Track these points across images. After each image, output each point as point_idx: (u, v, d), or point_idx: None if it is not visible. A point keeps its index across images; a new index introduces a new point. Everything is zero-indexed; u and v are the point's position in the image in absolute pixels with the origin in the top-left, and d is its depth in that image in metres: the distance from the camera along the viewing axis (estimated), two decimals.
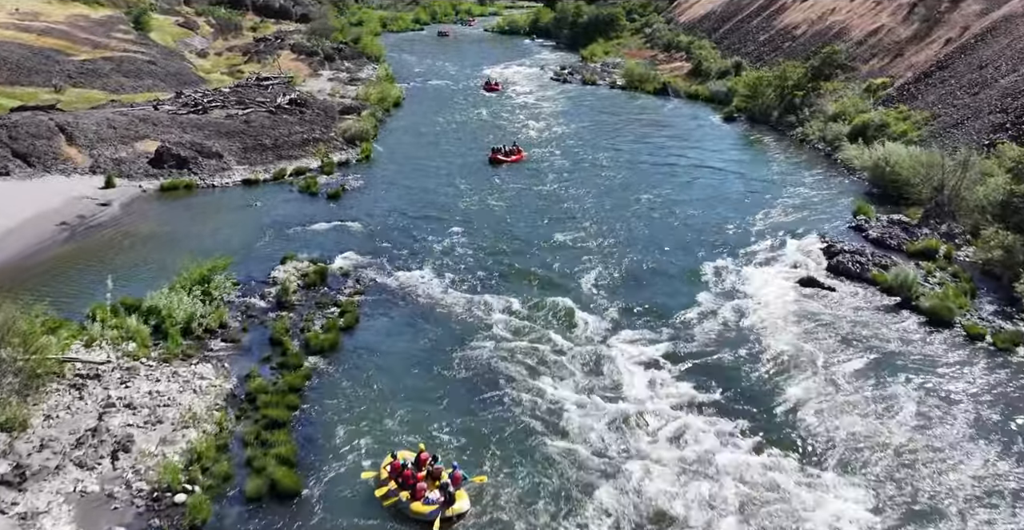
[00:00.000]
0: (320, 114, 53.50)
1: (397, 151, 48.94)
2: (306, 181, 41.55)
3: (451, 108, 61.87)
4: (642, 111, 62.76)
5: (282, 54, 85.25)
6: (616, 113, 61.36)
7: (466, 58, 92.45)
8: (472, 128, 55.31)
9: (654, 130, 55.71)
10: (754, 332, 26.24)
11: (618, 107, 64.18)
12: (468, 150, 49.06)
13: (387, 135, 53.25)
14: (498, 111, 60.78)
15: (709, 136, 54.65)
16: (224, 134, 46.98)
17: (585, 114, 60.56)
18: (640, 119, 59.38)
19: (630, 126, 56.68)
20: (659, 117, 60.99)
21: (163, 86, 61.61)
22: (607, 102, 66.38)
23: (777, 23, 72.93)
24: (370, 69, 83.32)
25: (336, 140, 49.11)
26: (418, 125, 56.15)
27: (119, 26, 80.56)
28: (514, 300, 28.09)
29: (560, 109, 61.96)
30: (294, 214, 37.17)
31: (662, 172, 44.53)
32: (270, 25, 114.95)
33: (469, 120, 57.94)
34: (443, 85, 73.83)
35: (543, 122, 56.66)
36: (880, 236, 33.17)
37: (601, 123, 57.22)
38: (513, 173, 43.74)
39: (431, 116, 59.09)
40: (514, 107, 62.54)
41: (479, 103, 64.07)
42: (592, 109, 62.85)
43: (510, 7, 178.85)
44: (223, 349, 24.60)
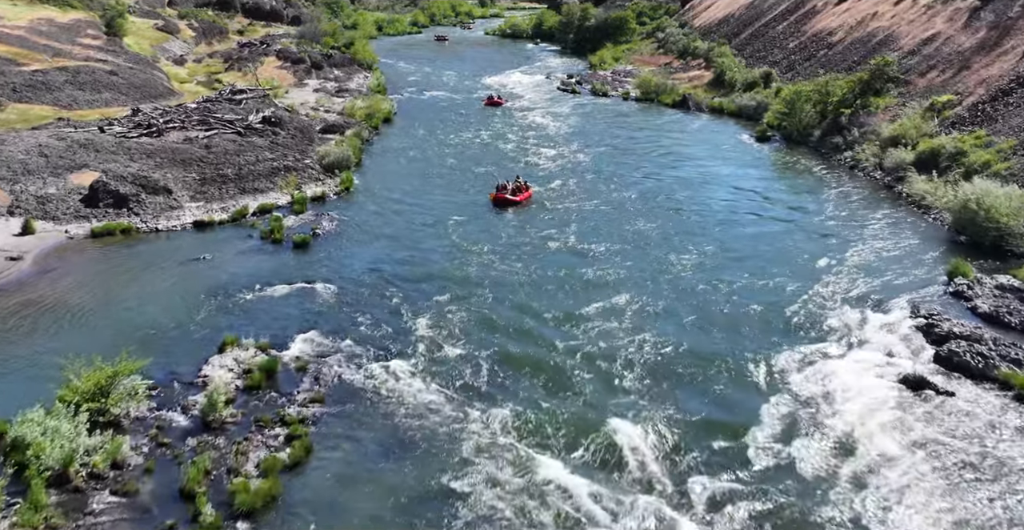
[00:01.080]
0: (296, 135, 45.80)
1: (382, 183, 41.18)
2: (271, 224, 33.82)
3: (448, 126, 54.12)
4: (663, 129, 55.03)
5: (266, 61, 77.60)
6: (634, 132, 53.56)
7: (465, 65, 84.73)
8: (471, 153, 47.38)
9: (680, 154, 47.89)
10: (853, 466, 18.60)
11: (635, 124, 56.45)
12: (466, 182, 41.21)
13: (373, 161, 45.51)
14: (501, 130, 53.00)
15: (744, 161, 46.91)
16: (179, 162, 39.31)
17: (600, 134, 52.73)
18: (662, 140, 51.59)
19: (652, 150, 48.80)
20: (683, 136, 53.28)
21: (124, 100, 53.91)
22: (622, 118, 58.66)
23: (808, 28, 65.19)
24: (361, 78, 75.66)
25: (312, 169, 41.41)
26: (409, 148, 48.37)
27: (87, 31, 72.83)
28: (528, 413, 20.44)
29: (571, 128, 54.22)
30: (250, 271, 29.45)
31: (697, 215, 36.52)
32: (259, 28, 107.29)
33: (467, 142, 50.05)
34: (440, 97, 66.10)
35: (553, 145, 48.81)
36: (993, 310, 25.42)
37: (619, 147, 49.30)
38: (520, 219, 35.69)
39: (425, 136, 51.37)
40: (519, 126, 54.70)
41: (479, 120, 56.33)
42: (607, 127, 55.06)
43: (511, 9, 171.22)
44: (110, 509, 16.95)
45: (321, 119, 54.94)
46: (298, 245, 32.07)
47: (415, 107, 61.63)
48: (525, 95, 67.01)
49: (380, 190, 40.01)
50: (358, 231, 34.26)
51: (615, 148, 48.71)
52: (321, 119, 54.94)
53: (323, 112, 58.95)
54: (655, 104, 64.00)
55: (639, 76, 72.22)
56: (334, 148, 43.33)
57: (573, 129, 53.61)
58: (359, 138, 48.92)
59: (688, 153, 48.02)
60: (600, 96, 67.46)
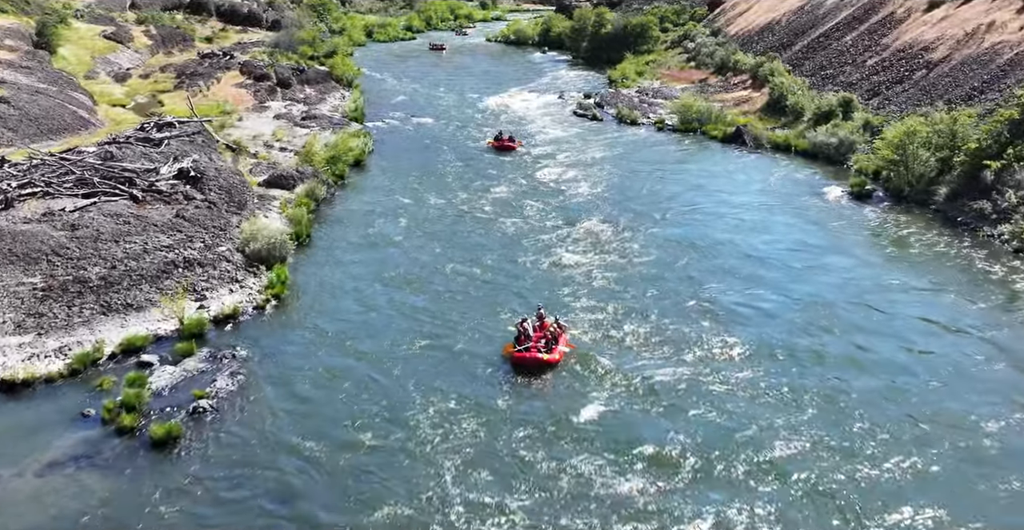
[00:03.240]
0: (219, 201, 31.41)
1: (332, 287, 26.43)
2: (124, 392, 19.48)
3: (437, 181, 38.89)
4: (721, 179, 39.94)
5: (225, 77, 63.17)
6: (689, 188, 38.34)
7: (463, 80, 70.14)
8: (469, 239, 31.20)
9: (764, 228, 32.99)
10: None
11: (685, 171, 41.32)
12: (460, 304, 25.26)
13: (325, 240, 30.76)
14: (511, 194, 36.93)
15: (847, 235, 32.25)
16: (16, 258, 24.96)
17: (645, 194, 37.11)
18: (727, 198, 36.29)
19: (720, 219, 33.71)
20: (751, 189, 38.53)
21: (9, 138, 39.60)
22: (664, 160, 43.83)
23: (890, 41, 50.64)
24: (337, 98, 61.19)
25: (228, 261, 27.01)
26: (381, 217, 33.43)
27: (4, 42, 58.44)
28: None
29: (604, 184, 38.37)
30: (54, 515, 15.33)
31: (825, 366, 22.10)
32: (233, 34, 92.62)
33: (463, 215, 33.98)
34: (430, 128, 51.48)
35: (587, 225, 32.46)
36: None
37: (677, 219, 33.73)
38: (556, 406, 19.73)
39: (406, 194, 36.55)
40: (535, 184, 38.61)
41: (481, 171, 40.65)
42: (650, 179, 39.58)
43: (514, 11, 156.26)
44: None
45: (270, 164, 40.57)
46: (158, 444, 17.79)
47: (398, 143, 47.09)
48: (536, 123, 52.43)
49: (327, 302, 25.44)
50: (279, 396, 19.92)
51: (668, 221, 33.37)
52: (270, 164, 40.57)
53: (278, 150, 44.58)
54: (699, 136, 49.56)
55: (676, 99, 57.68)
56: (267, 226, 28.90)
57: (608, 186, 38.06)
58: (312, 198, 34.53)
59: (774, 227, 33.22)
60: (628, 124, 52.95)
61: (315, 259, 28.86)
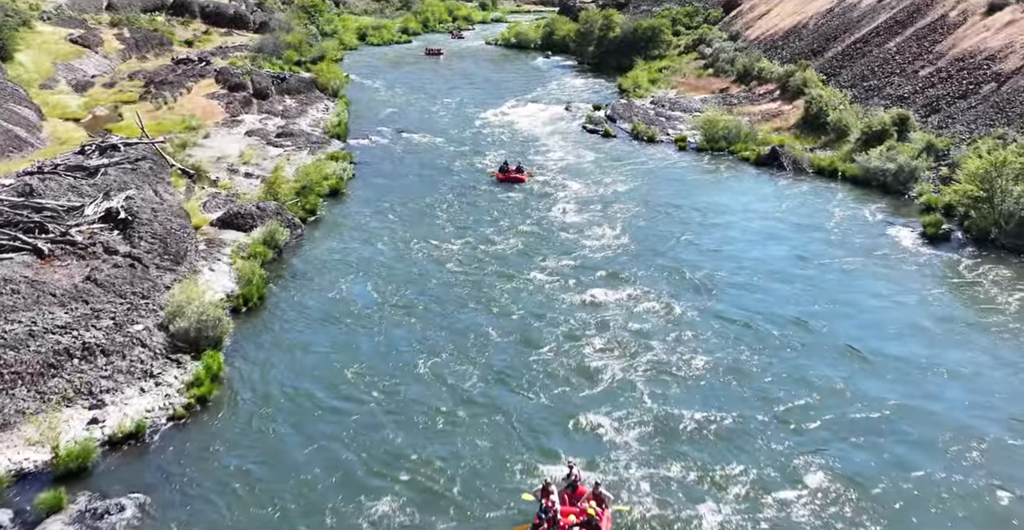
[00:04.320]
0: (150, 252, 24.64)
1: (275, 396, 19.39)
2: None
3: (428, 219, 32.05)
4: (768, 218, 32.99)
5: (197, 86, 56.32)
6: (730, 231, 31.50)
7: (461, 89, 63.28)
8: (468, 314, 23.88)
9: (842, 297, 25.57)
10: None
11: (723, 208, 34.05)
12: (454, 430, 18.08)
13: (278, 310, 23.85)
14: (522, 242, 29.49)
15: (930, 292, 25.67)
16: None
17: (680, 247, 29.60)
18: (790, 257, 29.07)
19: (790, 297, 25.59)
20: (801, 226, 31.72)
21: None
22: (693, 191, 36.56)
23: (945, 48, 43.81)
24: (319, 110, 54.40)
25: (145, 346, 20.24)
26: (353, 273, 26.57)
27: None
28: None
29: (627, 229, 30.97)
30: None
31: None
32: (216, 37, 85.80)
33: (460, 272, 26.88)
34: (422, 147, 44.61)
35: (610, 287, 25.47)
36: None
37: (722, 287, 26.04)
38: None
39: (387, 239, 29.59)
40: (546, 225, 31.47)
41: (481, 209, 33.54)
42: (681, 222, 32.26)
43: (515, 12, 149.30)
44: None
45: (228, 196, 33.76)
46: None
47: (383, 167, 40.27)
48: (543, 143, 45.56)
49: (267, 414, 18.59)
50: None
51: (718, 289, 25.90)
52: (228, 196, 33.76)
53: (243, 176, 37.81)
54: (727, 157, 42.76)
55: (696, 112, 50.96)
56: (199, 296, 22.01)
57: (634, 233, 30.53)
58: (271, 244, 27.76)
59: (852, 295, 25.77)
60: (645, 142, 46.15)
61: (261, 339, 22.01)
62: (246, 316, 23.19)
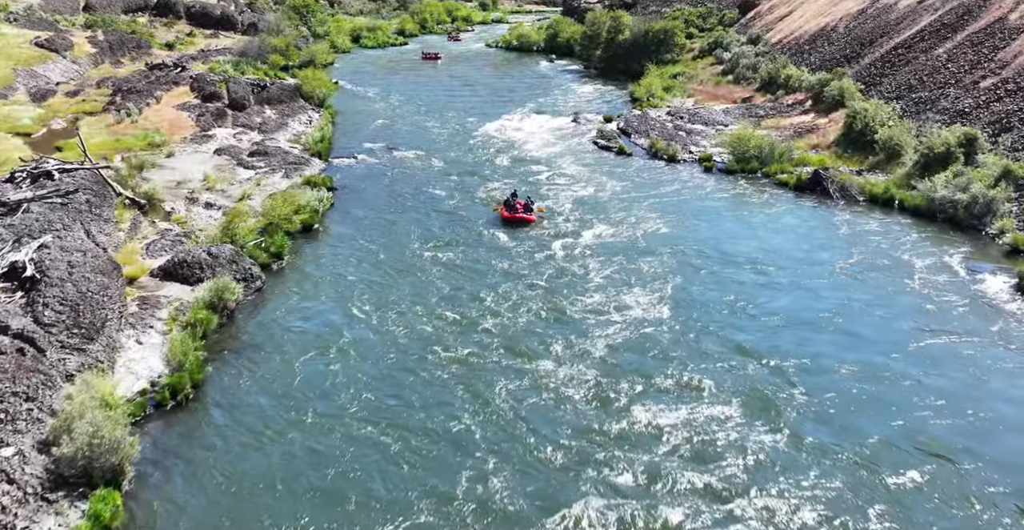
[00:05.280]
0: (52, 325, 18.90)
1: None
2: None
3: (415, 270, 25.96)
4: (837, 273, 26.62)
5: (169, 94, 50.37)
6: (793, 295, 24.96)
7: (460, 97, 57.38)
8: (462, 436, 17.44)
9: (959, 403, 19.44)
10: None
11: (775, 254, 27.78)
12: None
13: (214, 410, 17.89)
14: (530, 312, 23.17)
15: None
16: None
17: (738, 326, 22.68)
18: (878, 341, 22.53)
19: (901, 406, 19.17)
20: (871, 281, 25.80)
21: None
22: (734, 229, 30.58)
23: (1010, 56, 37.90)
24: (302, 122, 48.51)
25: (12, 482, 14.57)
26: (315, 350, 20.68)
27: None
28: None
29: (663, 295, 24.23)
30: None
31: None
32: (201, 39, 79.73)
33: (451, 359, 20.54)
34: (415, 169, 38.65)
35: (654, 404, 18.55)
36: None
37: (813, 406, 19.01)
38: None
39: (363, 298, 23.68)
40: (561, 287, 24.98)
41: (479, 259, 27.04)
42: (728, 281, 25.74)
43: (516, 12, 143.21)
44: None
45: (179, 236, 27.92)
46: None
47: (367, 195, 34.37)
48: (551, 165, 39.50)
49: None
50: None
51: (814, 409, 19.17)
52: (179, 236, 27.92)
53: (203, 206, 31.97)
54: (762, 181, 36.96)
55: (720, 125, 45.15)
56: (91, 410, 16.19)
57: (674, 303, 23.70)
58: (217, 307, 21.95)
59: (978, 399, 19.64)
60: (665, 161, 40.34)
61: (182, 457, 16.14)
62: (171, 416, 17.41)
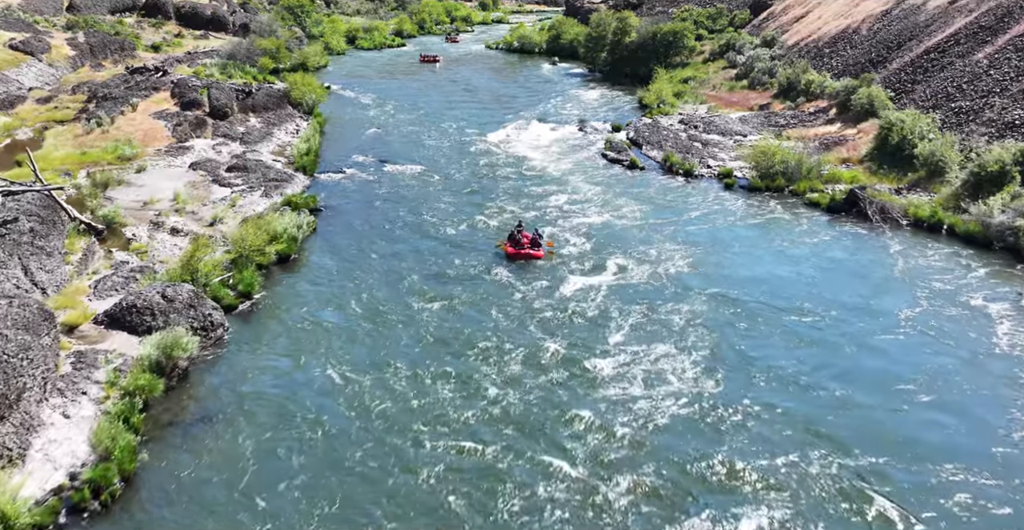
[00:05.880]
0: None
1: None
2: None
3: (408, 318, 22.05)
4: (908, 326, 22.44)
5: (146, 102, 46.60)
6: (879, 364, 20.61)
7: (459, 103, 53.64)
8: None
9: None
10: None
11: (824, 300, 23.62)
12: None
13: (154, 503, 14.12)
14: (549, 382, 18.99)
15: None
16: None
17: (796, 393, 18.43)
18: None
19: None
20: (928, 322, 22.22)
21: None
22: (772, 267, 26.48)
23: None
24: (288, 132, 44.78)
25: None
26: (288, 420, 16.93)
27: None
28: None
29: (699, 355, 20.12)
30: None
31: None
32: (189, 40, 75.97)
33: (455, 431, 16.91)
34: (408, 186, 34.75)
35: None
36: None
37: None
38: None
39: (346, 348, 19.99)
40: (578, 338, 20.98)
41: (484, 305, 22.96)
42: (778, 344, 21.17)
43: (516, 12, 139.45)
44: None
45: (133, 271, 24.18)
46: None
47: (356, 218, 30.59)
48: (557, 182, 35.72)
49: None
50: None
51: None
52: (133, 271, 24.18)
53: (168, 231, 28.25)
54: (790, 200, 33.24)
55: (740, 136, 41.44)
56: None
57: (709, 358, 19.85)
58: (163, 369, 18.21)
59: None
60: (680, 176, 36.63)
61: None
62: (91, 524, 13.72)
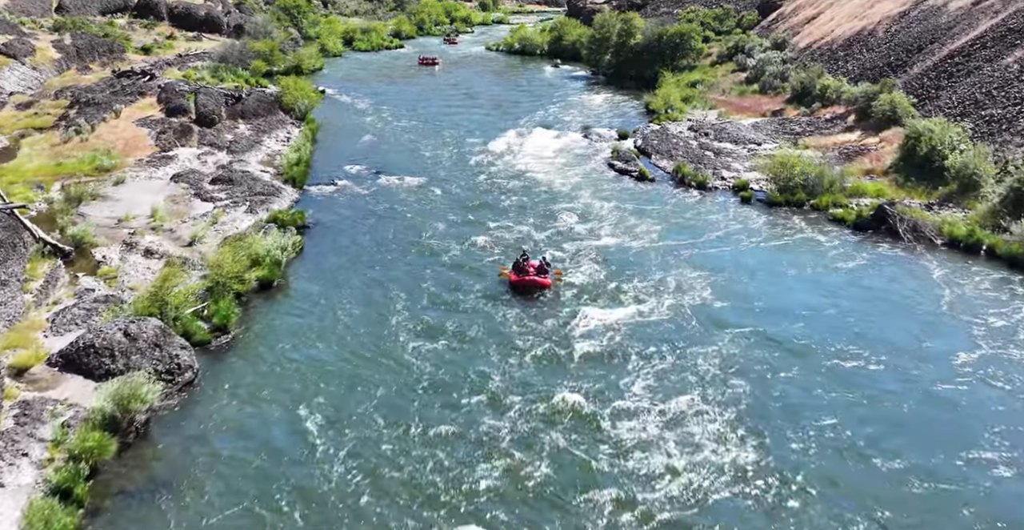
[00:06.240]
0: None
1: None
2: None
3: (399, 360, 19.50)
4: (984, 382, 20.32)
5: (131, 107, 44.21)
6: None
7: (458, 108, 51.28)
8: None
9: None
10: None
11: (878, 347, 20.73)
12: None
13: None
14: (562, 461, 16.26)
15: None
16: None
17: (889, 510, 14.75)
18: None
19: None
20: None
21: None
22: (807, 299, 23.95)
23: None
24: (278, 140, 42.41)
25: None
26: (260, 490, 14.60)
27: None
28: None
29: (742, 432, 16.73)
30: None
31: None
32: (181, 42, 73.60)
33: (452, 516, 14.40)
34: (404, 201, 32.18)
35: None
36: None
37: None
38: None
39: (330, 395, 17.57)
40: (597, 395, 18.20)
41: (484, 347, 20.24)
42: (841, 416, 17.78)
43: (517, 13, 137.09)
44: None
45: (96, 302, 21.80)
46: None
47: (345, 237, 28.19)
48: (562, 194, 33.30)
49: None
50: None
51: None
52: (96, 302, 21.80)
53: (142, 253, 25.91)
54: (812, 216, 30.89)
55: (755, 145, 39.10)
56: None
57: (760, 441, 16.29)
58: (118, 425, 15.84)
59: None
60: (693, 188, 34.26)
61: None
62: None
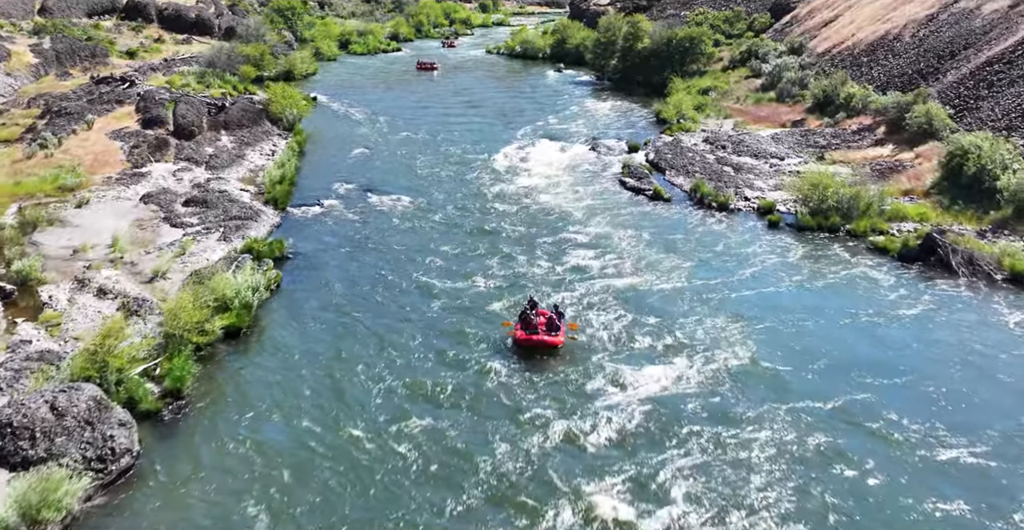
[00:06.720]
0: None
1: None
2: None
3: (387, 412, 16.63)
4: None
5: (106, 117, 40.90)
6: None
7: (457, 117, 47.92)
8: None
9: None
10: None
11: (952, 408, 17.87)
12: None
13: None
14: None
15: None
16: None
17: None
18: None
19: None
20: None
21: None
22: (859, 342, 20.92)
23: None
24: (263, 154, 39.09)
25: None
26: None
27: None
28: None
29: None
30: None
31: None
32: (169, 45, 70.14)
33: None
34: (396, 227, 28.83)
35: None
36: None
37: None
38: None
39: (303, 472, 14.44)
40: (624, 480, 15.04)
41: (489, 407, 17.34)
42: None
43: (518, 14, 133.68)
44: None
45: (29, 359, 18.47)
46: None
47: (329, 270, 24.87)
48: (570, 218, 29.97)
49: None
50: None
51: None
52: (29, 359, 18.47)
53: (94, 292, 22.60)
54: (849, 243, 27.60)
55: (779, 160, 35.79)
56: None
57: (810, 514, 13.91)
58: None
59: None
60: (713, 210, 30.99)
61: None
62: None
